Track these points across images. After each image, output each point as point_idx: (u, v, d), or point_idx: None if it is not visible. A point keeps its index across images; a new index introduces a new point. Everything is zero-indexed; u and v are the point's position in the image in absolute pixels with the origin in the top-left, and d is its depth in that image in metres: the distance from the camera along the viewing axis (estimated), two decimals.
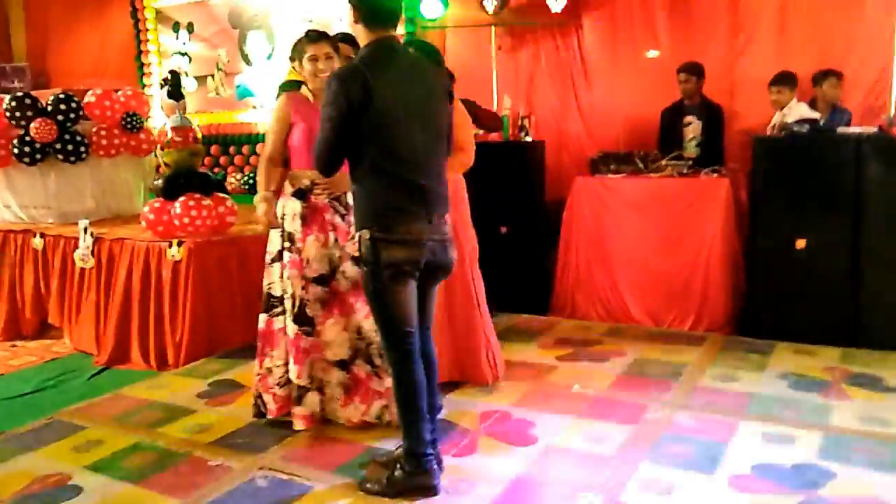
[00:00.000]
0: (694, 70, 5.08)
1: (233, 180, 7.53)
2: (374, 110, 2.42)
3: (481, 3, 5.93)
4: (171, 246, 4.35)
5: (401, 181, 2.50)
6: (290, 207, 3.19)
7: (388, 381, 3.02)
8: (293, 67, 3.80)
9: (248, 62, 7.59)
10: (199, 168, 4.72)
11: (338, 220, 3.19)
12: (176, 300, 4.36)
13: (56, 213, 5.36)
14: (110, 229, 4.88)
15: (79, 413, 3.59)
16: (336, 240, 3.18)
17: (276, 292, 3.24)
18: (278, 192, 3.24)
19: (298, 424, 3.21)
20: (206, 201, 4.51)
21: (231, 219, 4.70)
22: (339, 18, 6.80)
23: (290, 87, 3.86)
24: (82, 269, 4.78)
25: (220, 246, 4.49)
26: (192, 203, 4.44)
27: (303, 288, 3.16)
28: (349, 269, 3.17)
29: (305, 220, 3.16)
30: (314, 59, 3.09)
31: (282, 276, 3.21)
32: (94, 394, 3.94)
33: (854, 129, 4.29)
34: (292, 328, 3.16)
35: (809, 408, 3.35)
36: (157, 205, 4.53)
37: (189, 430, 3.32)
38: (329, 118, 2.44)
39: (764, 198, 4.41)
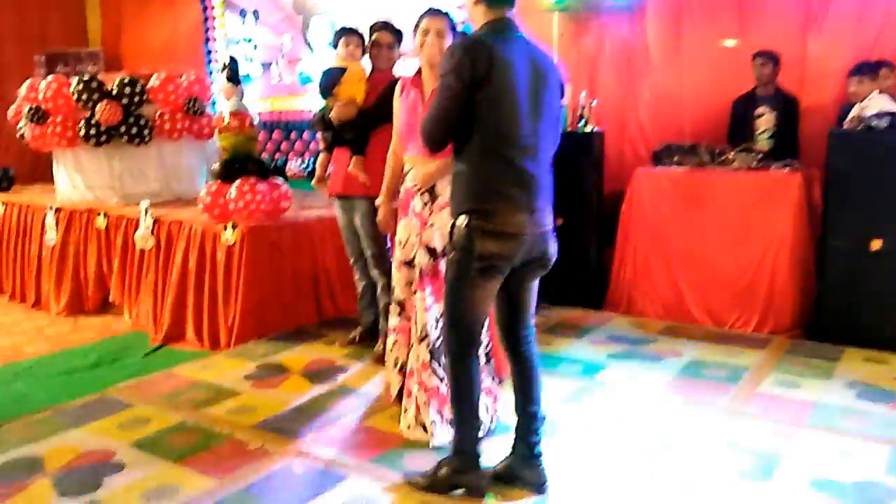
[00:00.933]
0: (771, 56, 4.83)
1: (293, 166, 7.62)
2: (495, 86, 2.26)
3: None
4: (225, 229, 4.39)
5: (510, 165, 2.33)
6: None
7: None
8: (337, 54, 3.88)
9: (311, 48, 7.64)
10: (255, 153, 4.75)
11: (418, 207, 3.05)
12: (229, 283, 4.40)
13: (120, 194, 5.49)
14: (170, 211, 4.97)
15: (129, 390, 3.65)
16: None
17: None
18: (396, 193, 3.28)
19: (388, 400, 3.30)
20: (261, 186, 4.53)
21: (285, 204, 4.72)
22: (403, 4, 6.77)
23: (334, 73, 3.84)
24: (142, 250, 4.88)
25: (272, 231, 4.51)
26: (246, 188, 4.47)
27: (396, 269, 3.18)
28: (421, 256, 3.05)
29: (401, 203, 3.17)
30: (425, 32, 2.98)
31: None
32: (147, 371, 4.02)
33: None
34: (390, 307, 3.25)
35: (877, 420, 3.13)
36: (213, 188, 4.58)
37: (233, 412, 3.34)
38: (448, 87, 2.28)
39: (838, 195, 4.16)
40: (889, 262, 4.00)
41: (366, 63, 3.96)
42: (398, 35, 3.96)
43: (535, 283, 2.54)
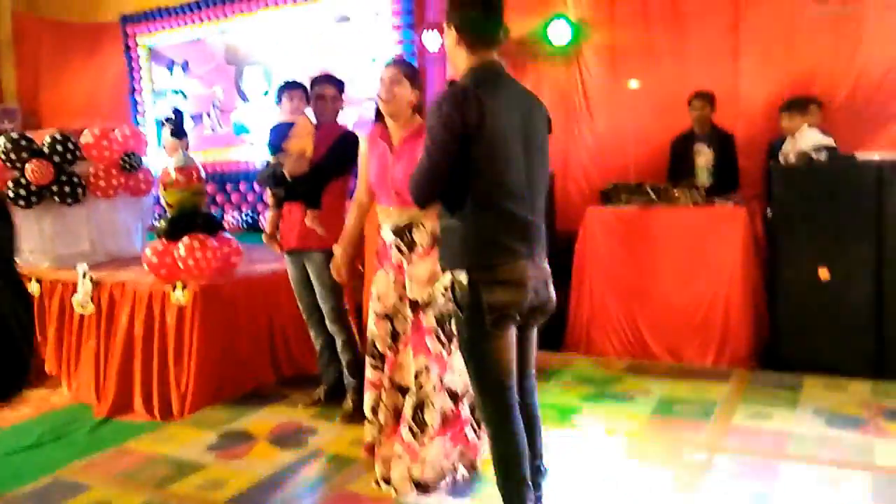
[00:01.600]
0: (708, 98, 5.03)
1: (230, 219, 7.41)
2: (487, 138, 2.19)
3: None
4: (175, 289, 4.19)
5: (507, 215, 2.25)
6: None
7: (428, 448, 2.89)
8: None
9: (244, 98, 7.51)
10: (203, 207, 4.57)
11: (395, 258, 3.00)
12: (181, 346, 4.18)
13: (52, 257, 5.18)
14: (110, 273, 4.71)
15: (83, 471, 3.39)
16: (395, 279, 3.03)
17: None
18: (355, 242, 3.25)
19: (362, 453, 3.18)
20: (212, 242, 4.36)
21: (236, 259, 4.55)
22: (339, 53, 6.76)
23: (282, 127, 3.83)
24: (81, 316, 4.60)
25: (225, 288, 4.33)
26: (196, 244, 4.29)
27: (373, 322, 3.08)
28: (403, 309, 3.01)
29: (377, 254, 3.11)
30: (381, 80, 2.96)
31: None
32: (96, 448, 3.74)
33: (874, 155, 4.22)
34: (366, 360, 3.13)
35: (851, 446, 3.21)
36: (159, 247, 4.37)
37: (200, 488, 3.13)
38: (437, 141, 2.20)
39: (784, 227, 4.32)
40: (837, 290, 4.16)
41: (309, 115, 3.92)
42: (340, 86, 3.97)
43: (535, 332, 2.48)
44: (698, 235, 4.61)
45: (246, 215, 7.37)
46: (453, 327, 2.37)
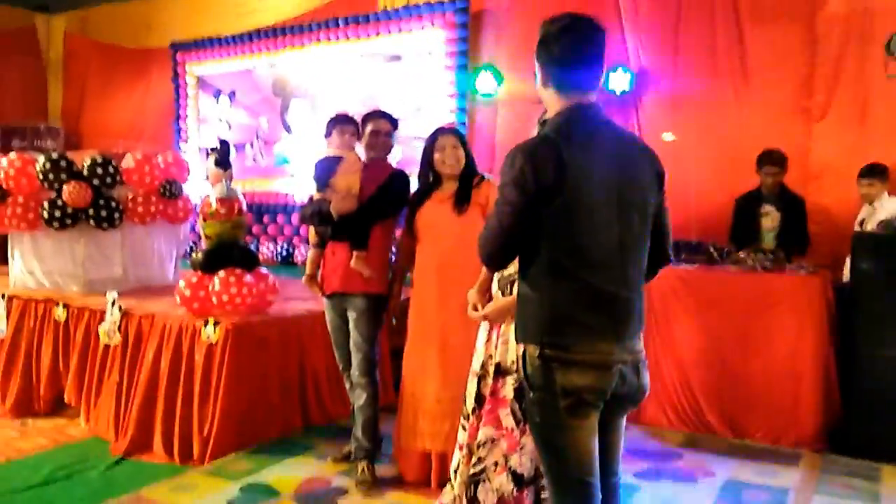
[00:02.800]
0: (781, 162, 4.73)
1: (265, 250, 7.24)
2: (567, 196, 1.87)
3: (536, 77, 5.68)
4: (206, 325, 3.95)
5: (585, 287, 1.92)
6: None
7: None
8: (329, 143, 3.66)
9: (288, 130, 7.40)
10: (242, 241, 4.37)
11: None
12: (207, 386, 3.93)
13: (82, 282, 5.00)
14: (140, 303, 4.50)
15: None
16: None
17: None
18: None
19: None
20: (248, 277, 4.13)
21: (271, 297, 4.32)
22: (389, 91, 6.61)
23: (330, 162, 3.61)
24: (106, 346, 4.38)
25: (259, 327, 4.09)
26: (232, 279, 4.07)
27: (472, 380, 2.90)
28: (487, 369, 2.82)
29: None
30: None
31: None
32: (109, 491, 3.49)
33: None
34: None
35: None
36: (194, 279, 4.16)
37: None
38: (510, 202, 1.91)
39: (864, 299, 3.98)
40: None
41: (359, 151, 3.71)
42: (395, 123, 3.77)
43: (623, 423, 2.12)
44: (767, 303, 4.26)
45: (281, 248, 7.19)
46: (534, 412, 2.02)
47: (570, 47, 2.00)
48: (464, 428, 2.84)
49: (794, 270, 4.33)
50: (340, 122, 3.70)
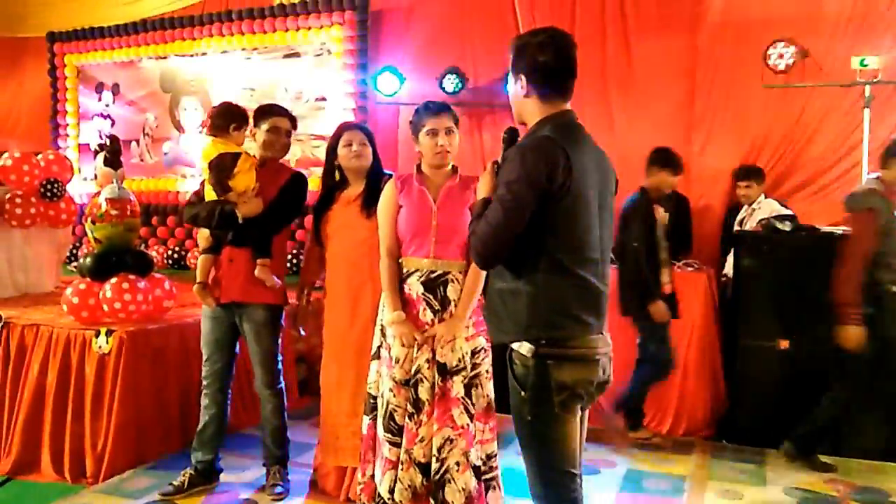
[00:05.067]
0: (679, 165, 4.95)
1: (154, 254, 6.91)
2: (573, 195, 1.94)
3: (440, 81, 5.73)
4: (98, 335, 3.74)
5: (582, 283, 1.99)
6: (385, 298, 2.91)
7: None
8: (216, 139, 3.35)
9: (179, 129, 7.10)
10: (134, 245, 4.15)
11: (428, 317, 2.81)
12: (100, 399, 3.70)
13: None
14: (22, 311, 4.20)
15: None
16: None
17: (375, 392, 2.93)
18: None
19: None
20: (142, 283, 3.94)
21: (168, 303, 4.13)
22: (285, 89, 6.48)
23: (227, 159, 3.30)
24: None
25: (156, 335, 3.90)
26: (125, 285, 3.86)
27: (390, 390, 2.81)
28: (427, 374, 2.78)
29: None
30: (434, 133, 2.84)
31: (379, 375, 2.91)
32: None
33: (838, 228, 4.23)
34: (381, 435, 2.83)
35: None
36: (82, 286, 3.92)
37: None
38: (515, 196, 1.92)
39: (746, 295, 4.26)
40: (798, 361, 4.10)
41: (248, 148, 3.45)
42: (294, 121, 3.55)
43: (587, 414, 2.18)
44: None
45: (172, 251, 6.89)
46: (526, 410, 2.01)
47: (555, 57, 2.05)
48: (394, 444, 2.80)
49: (682, 268, 4.57)
50: (269, 113, 3.42)
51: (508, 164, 1.99)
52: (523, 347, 1.99)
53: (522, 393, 2.00)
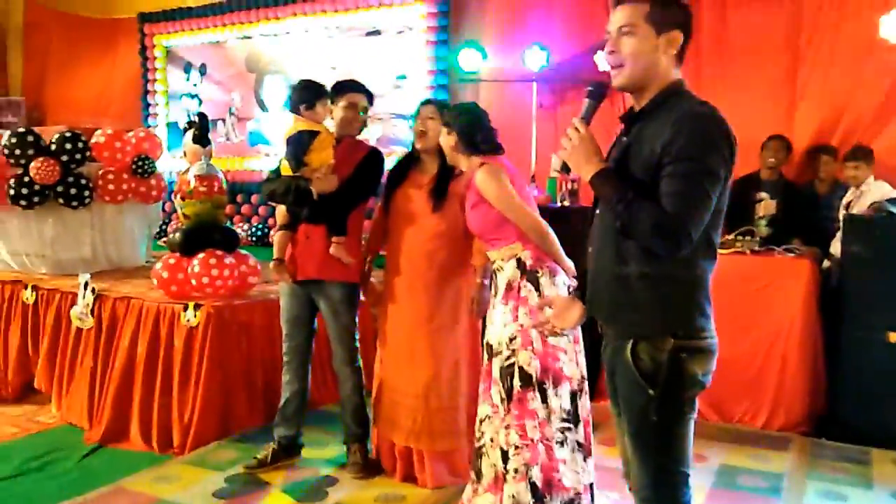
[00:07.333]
0: (786, 141, 4.68)
1: (239, 231, 7.03)
2: (731, 176, 1.80)
3: (523, 57, 5.58)
4: (186, 309, 3.80)
5: (710, 271, 1.84)
6: None
7: None
8: (301, 116, 3.29)
9: (263, 108, 7.18)
10: (222, 221, 4.20)
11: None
12: (188, 371, 3.78)
13: (51, 263, 4.79)
14: (113, 285, 4.32)
15: None
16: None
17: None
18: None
19: None
20: (229, 259, 3.98)
21: (253, 279, 4.18)
22: (367, 67, 6.44)
23: (305, 137, 3.25)
24: (79, 330, 4.19)
25: (242, 310, 3.94)
26: (213, 261, 3.91)
27: None
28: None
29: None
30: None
31: None
32: (86, 481, 3.35)
33: None
34: None
35: None
36: (171, 261, 3.99)
37: None
38: (712, 172, 1.72)
39: (854, 283, 3.98)
40: None
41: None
42: (371, 98, 3.45)
43: None
44: (755, 286, 4.23)
45: (256, 228, 7.00)
46: (652, 408, 1.80)
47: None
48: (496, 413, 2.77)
49: (782, 253, 4.30)
50: (345, 90, 3.36)
51: (696, 137, 1.73)
52: (659, 343, 1.78)
53: (651, 391, 1.79)
